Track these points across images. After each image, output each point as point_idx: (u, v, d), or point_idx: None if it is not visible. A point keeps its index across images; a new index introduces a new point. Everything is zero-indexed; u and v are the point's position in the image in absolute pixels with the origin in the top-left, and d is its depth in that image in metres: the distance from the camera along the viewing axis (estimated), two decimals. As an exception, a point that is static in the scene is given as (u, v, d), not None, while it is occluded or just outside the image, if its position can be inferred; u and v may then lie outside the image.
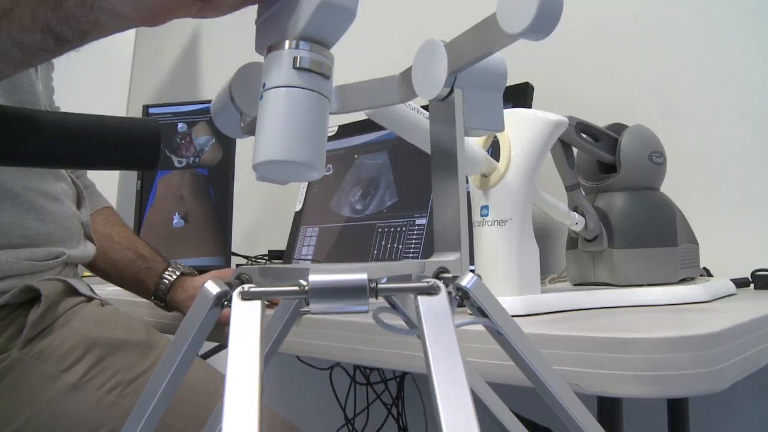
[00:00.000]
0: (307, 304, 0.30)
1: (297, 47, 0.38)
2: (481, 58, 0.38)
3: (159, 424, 0.35)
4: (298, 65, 0.38)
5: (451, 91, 0.40)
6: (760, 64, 1.08)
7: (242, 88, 0.44)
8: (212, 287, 0.34)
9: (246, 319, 0.29)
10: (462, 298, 0.34)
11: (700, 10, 1.15)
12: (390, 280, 0.36)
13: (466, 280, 0.34)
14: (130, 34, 2.17)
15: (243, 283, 0.36)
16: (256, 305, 0.30)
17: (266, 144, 0.37)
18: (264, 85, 0.39)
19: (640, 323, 0.64)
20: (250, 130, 0.43)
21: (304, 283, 0.30)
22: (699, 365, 0.50)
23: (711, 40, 1.14)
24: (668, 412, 1.00)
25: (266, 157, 0.37)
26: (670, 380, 0.50)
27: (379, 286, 0.31)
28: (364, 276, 0.30)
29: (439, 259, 0.38)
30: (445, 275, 0.36)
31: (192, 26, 2.32)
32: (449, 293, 0.35)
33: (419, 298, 0.30)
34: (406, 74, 0.42)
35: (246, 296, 0.30)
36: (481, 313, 0.34)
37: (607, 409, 0.68)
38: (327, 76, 0.39)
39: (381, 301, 0.37)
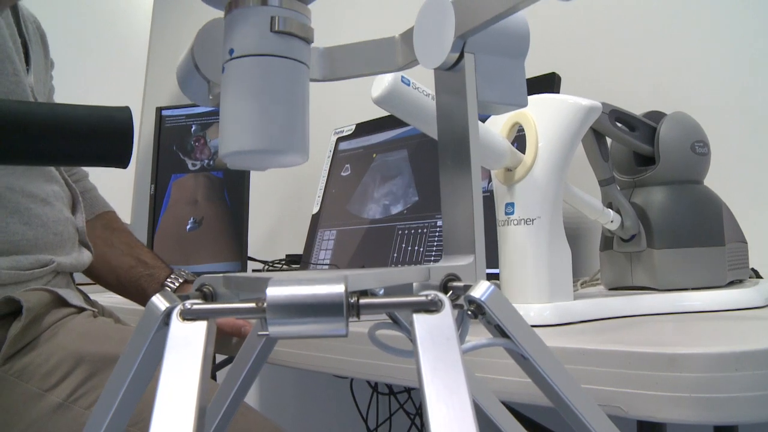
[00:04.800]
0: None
1: (271, 3, 0.31)
2: (499, 19, 0.31)
3: None
4: (278, 28, 0.31)
5: (461, 57, 0.32)
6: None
7: (208, 52, 0.37)
8: (159, 302, 0.27)
9: (185, 346, 0.22)
10: (475, 313, 0.27)
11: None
12: (387, 291, 0.29)
13: (480, 291, 0.26)
14: (145, 35, 2.14)
15: (204, 296, 0.29)
16: (200, 327, 0.23)
17: (237, 129, 0.30)
18: (231, 51, 0.31)
19: (690, 334, 0.58)
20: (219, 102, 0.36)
21: (261, 298, 0.23)
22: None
23: (759, 16, 1.05)
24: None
25: (238, 146, 0.30)
26: (732, 404, 0.43)
27: (361, 302, 0.23)
28: (339, 288, 0.23)
29: (449, 264, 0.30)
30: (455, 284, 0.29)
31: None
32: (460, 307, 0.27)
33: (415, 316, 0.23)
34: (408, 36, 0.34)
35: (187, 315, 0.23)
36: (500, 331, 0.27)
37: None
38: (310, 41, 0.32)
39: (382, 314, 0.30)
